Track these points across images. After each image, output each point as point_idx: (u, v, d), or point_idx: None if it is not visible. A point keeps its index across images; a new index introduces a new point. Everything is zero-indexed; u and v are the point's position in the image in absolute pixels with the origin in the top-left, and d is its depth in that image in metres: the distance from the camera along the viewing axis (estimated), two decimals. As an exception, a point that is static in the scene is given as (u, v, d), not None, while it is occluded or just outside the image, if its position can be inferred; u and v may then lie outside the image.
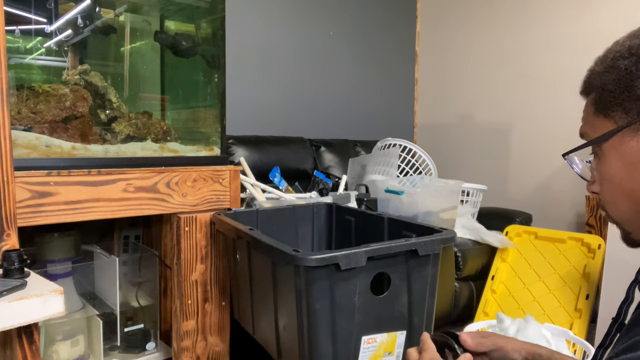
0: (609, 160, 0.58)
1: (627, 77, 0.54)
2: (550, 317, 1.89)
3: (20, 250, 0.81)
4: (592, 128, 0.60)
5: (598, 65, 0.60)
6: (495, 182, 2.92)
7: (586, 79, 0.63)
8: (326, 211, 1.47)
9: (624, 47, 0.56)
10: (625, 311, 0.61)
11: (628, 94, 0.54)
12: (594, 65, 0.61)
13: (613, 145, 0.57)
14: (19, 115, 1.13)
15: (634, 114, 0.54)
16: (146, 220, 1.54)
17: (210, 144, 1.41)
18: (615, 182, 0.57)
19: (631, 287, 0.61)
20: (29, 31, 1.24)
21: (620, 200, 0.58)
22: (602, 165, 0.59)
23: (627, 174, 0.56)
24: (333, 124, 3.02)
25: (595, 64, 0.61)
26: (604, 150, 0.58)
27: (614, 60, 0.57)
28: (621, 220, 0.60)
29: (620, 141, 0.56)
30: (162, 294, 1.48)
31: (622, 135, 0.56)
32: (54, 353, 1.26)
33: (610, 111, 0.57)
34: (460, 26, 3.21)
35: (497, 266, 2.18)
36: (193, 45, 1.49)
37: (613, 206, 0.59)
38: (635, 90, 0.54)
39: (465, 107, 3.20)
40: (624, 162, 0.56)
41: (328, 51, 2.99)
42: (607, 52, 0.60)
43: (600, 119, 0.58)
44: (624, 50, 0.56)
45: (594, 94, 0.60)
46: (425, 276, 1.01)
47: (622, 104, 0.55)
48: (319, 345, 0.89)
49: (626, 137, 0.55)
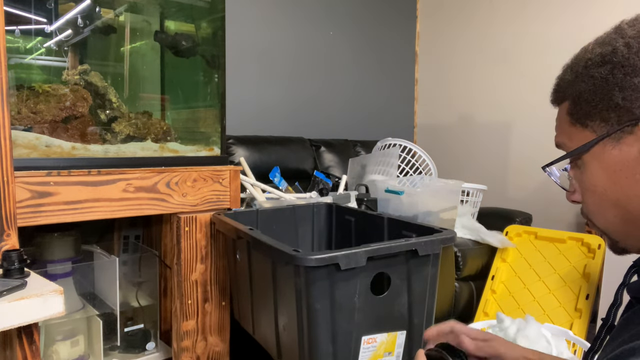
0: (591, 170, 0.56)
1: (604, 86, 0.53)
2: (550, 317, 1.89)
3: (20, 250, 0.81)
4: (569, 138, 0.59)
5: (568, 73, 0.59)
6: (495, 182, 2.92)
7: (556, 88, 0.61)
8: (326, 211, 1.47)
9: (594, 54, 0.55)
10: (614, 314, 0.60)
11: (606, 103, 0.53)
12: (563, 74, 0.60)
13: (594, 155, 0.56)
14: (19, 115, 1.13)
15: (614, 122, 0.53)
16: (146, 220, 1.54)
17: (210, 144, 1.41)
18: (599, 192, 0.56)
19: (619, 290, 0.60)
20: (29, 31, 1.24)
21: (605, 210, 0.57)
22: (584, 175, 0.58)
23: (611, 184, 0.55)
24: (333, 124, 3.02)
25: (564, 73, 0.60)
26: (585, 160, 0.57)
27: (586, 69, 0.55)
28: (607, 230, 0.59)
29: (602, 151, 0.55)
30: (162, 294, 1.48)
31: (603, 145, 0.54)
32: (54, 353, 1.26)
33: (588, 121, 0.56)
34: (460, 26, 3.21)
35: (497, 266, 2.18)
36: (193, 45, 1.49)
37: (598, 216, 0.58)
38: (613, 99, 0.52)
39: (465, 107, 3.20)
40: (607, 171, 0.55)
41: (328, 51, 2.99)
42: (575, 59, 0.59)
43: (578, 129, 0.57)
44: (596, 58, 0.54)
45: (568, 103, 0.59)
46: (425, 276, 1.01)
47: (600, 113, 0.54)
48: (319, 345, 0.89)
49: (607, 146, 0.54)
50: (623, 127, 0.52)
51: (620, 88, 0.52)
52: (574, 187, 0.61)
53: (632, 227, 0.55)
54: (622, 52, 0.52)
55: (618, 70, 0.52)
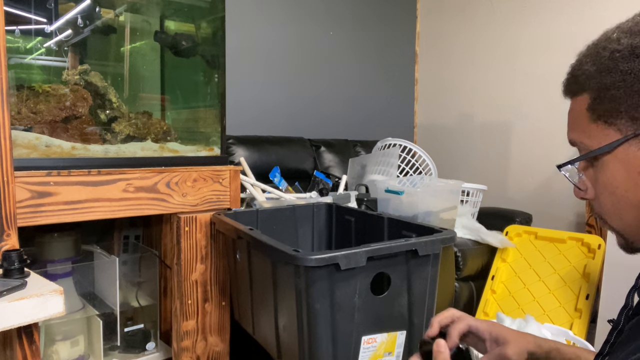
0: (612, 170, 0.53)
1: (635, 82, 0.49)
2: (550, 317, 1.89)
3: (20, 250, 0.81)
4: (588, 136, 0.55)
5: (588, 64, 0.54)
6: (495, 182, 2.92)
7: (572, 78, 0.57)
8: (326, 211, 1.47)
9: (622, 46, 0.51)
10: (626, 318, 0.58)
11: (637, 100, 0.49)
12: (580, 64, 0.56)
13: (617, 155, 0.52)
14: (19, 115, 1.13)
15: None
16: (146, 220, 1.54)
17: (210, 144, 1.41)
18: (619, 193, 0.53)
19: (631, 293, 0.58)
20: (29, 31, 1.24)
21: (624, 212, 0.54)
22: (603, 175, 0.54)
23: (633, 185, 0.52)
24: (333, 124, 3.02)
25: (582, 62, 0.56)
26: (605, 160, 0.53)
27: (613, 61, 0.51)
28: (623, 231, 0.56)
29: (627, 151, 0.51)
30: (162, 294, 1.48)
31: (628, 145, 0.51)
32: (54, 353, 1.26)
33: (613, 119, 0.52)
34: (460, 26, 3.21)
35: (497, 266, 2.18)
36: (193, 45, 1.49)
37: (615, 217, 0.56)
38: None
39: (465, 107, 3.20)
40: (631, 173, 0.51)
41: (328, 51, 2.99)
42: (596, 48, 0.54)
43: (600, 127, 0.53)
44: (625, 50, 0.50)
45: (588, 98, 0.54)
46: (425, 276, 1.01)
47: (628, 112, 0.50)
48: (319, 345, 0.89)
49: (632, 146, 0.51)
50: None
51: None
52: (585, 185, 0.58)
53: None
54: None
55: None
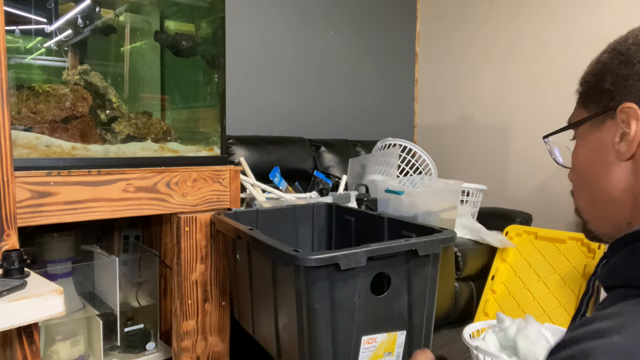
0: (577, 148, 0.60)
1: (601, 70, 0.57)
2: (550, 317, 1.89)
3: (20, 250, 0.81)
4: (573, 116, 0.63)
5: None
6: (495, 182, 2.92)
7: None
8: (326, 211, 1.47)
9: (609, 45, 0.58)
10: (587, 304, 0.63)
11: (599, 86, 0.57)
12: None
13: (581, 133, 0.60)
14: (19, 115, 1.13)
15: (602, 105, 0.56)
16: (146, 220, 1.54)
17: (210, 144, 1.41)
18: (579, 171, 0.60)
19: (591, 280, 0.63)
20: (29, 31, 1.24)
21: (581, 189, 0.60)
22: (574, 153, 0.61)
23: (588, 164, 0.58)
24: (333, 124, 3.02)
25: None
26: (576, 138, 0.61)
27: (598, 56, 0.59)
28: (580, 209, 0.62)
29: (588, 131, 0.58)
30: (162, 294, 1.48)
31: (590, 125, 0.58)
32: (54, 353, 1.26)
33: (587, 102, 0.59)
34: (460, 26, 3.21)
35: (497, 266, 2.18)
36: (193, 45, 1.49)
37: (576, 194, 0.62)
38: (604, 84, 0.56)
39: (465, 107, 3.20)
40: (587, 151, 0.58)
41: (328, 51, 2.99)
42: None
43: (579, 108, 0.61)
44: (609, 47, 0.58)
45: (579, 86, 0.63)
46: (425, 276, 1.01)
47: (594, 95, 0.58)
48: (319, 345, 0.89)
49: (593, 127, 0.57)
50: (607, 111, 0.55)
51: (612, 74, 0.55)
52: None
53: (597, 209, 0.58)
54: (626, 43, 0.55)
55: (616, 57, 0.55)
